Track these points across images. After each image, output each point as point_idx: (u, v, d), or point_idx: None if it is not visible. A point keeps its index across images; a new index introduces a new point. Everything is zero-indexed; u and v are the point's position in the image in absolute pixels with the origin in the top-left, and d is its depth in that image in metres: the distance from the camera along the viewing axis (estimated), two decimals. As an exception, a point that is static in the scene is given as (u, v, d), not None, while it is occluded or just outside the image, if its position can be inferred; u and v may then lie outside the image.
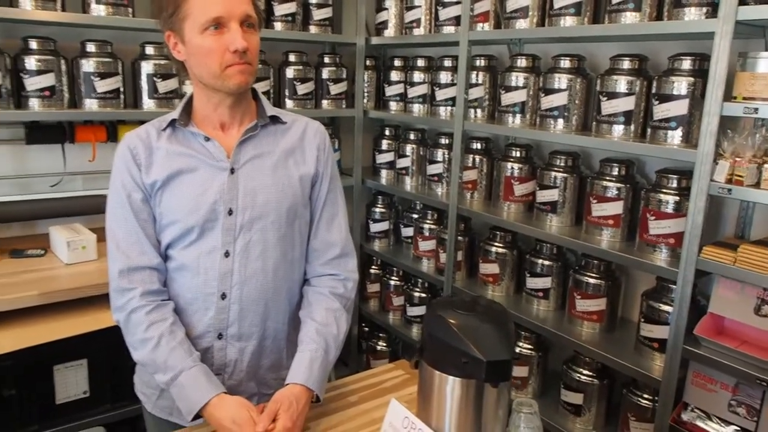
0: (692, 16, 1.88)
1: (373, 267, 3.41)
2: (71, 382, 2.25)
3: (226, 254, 1.41)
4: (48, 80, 2.38)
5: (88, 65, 2.44)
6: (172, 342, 1.36)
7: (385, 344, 3.35)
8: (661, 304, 2.03)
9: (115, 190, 1.41)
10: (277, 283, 1.47)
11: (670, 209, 1.98)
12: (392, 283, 3.25)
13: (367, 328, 3.48)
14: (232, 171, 1.41)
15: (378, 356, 3.35)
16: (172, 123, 1.44)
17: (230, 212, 1.40)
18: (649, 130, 2.03)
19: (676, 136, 1.95)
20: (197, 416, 1.33)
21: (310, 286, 1.55)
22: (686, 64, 1.95)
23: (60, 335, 2.01)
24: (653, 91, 2.01)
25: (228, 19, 1.30)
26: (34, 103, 2.38)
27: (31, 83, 2.36)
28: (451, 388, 1.19)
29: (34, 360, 2.13)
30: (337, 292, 1.52)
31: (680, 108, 1.93)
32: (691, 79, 1.91)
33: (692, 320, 1.87)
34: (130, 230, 1.40)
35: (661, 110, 1.97)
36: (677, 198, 1.97)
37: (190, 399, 1.33)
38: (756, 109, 1.64)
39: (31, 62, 2.35)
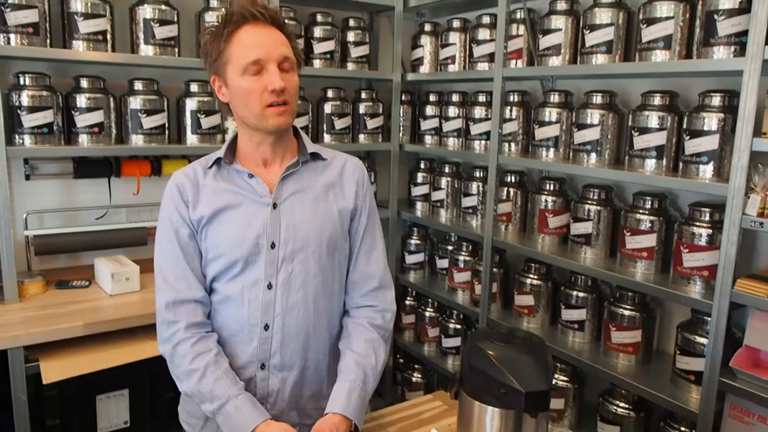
0: (721, 55, 1.92)
1: (409, 298, 3.44)
2: (113, 411, 2.29)
3: (269, 286, 1.46)
4: (97, 117, 2.48)
5: (135, 102, 2.55)
6: (217, 372, 1.41)
7: (420, 376, 3.38)
8: (696, 336, 2.03)
9: (164, 226, 1.49)
10: (318, 314, 1.51)
11: (703, 242, 2.01)
12: (427, 314, 3.27)
13: (402, 360, 3.50)
14: (275, 206, 1.47)
15: (413, 388, 3.37)
16: (218, 161, 1.51)
17: (273, 245, 1.46)
18: (681, 164, 2.07)
19: (707, 171, 1.98)
20: None
21: (349, 317, 1.59)
22: (716, 100, 1.99)
23: (103, 366, 2.05)
24: (684, 126, 2.05)
25: (266, 61, 1.38)
26: (84, 139, 2.48)
27: (82, 120, 2.46)
28: (490, 418, 1.23)
29: (78, 390, 2.18)
30: (375, 323, 1.56)
31: (711, 143, 1.96)
32: (721, 114, 1.95)
33: (728, 352, 1.88)
34: (176, 264, 1.47)
35: (692, 145, 2.01)
36: (710, 231, 2.00)
37: (237, 427, 1.37)
38: (786, 145, 1.67)
39: (81, 100, 2.46)
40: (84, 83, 2.50)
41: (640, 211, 2.22)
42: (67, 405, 2.20)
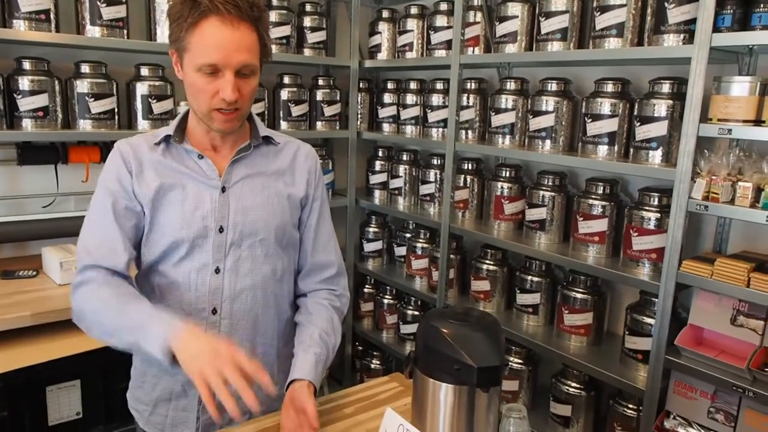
0: (671, 42, 1.98)
1: (367, 286, 3.45)
2: (64, 403, 2.24)
3: (216, 270, 1.43)
4: (41, 101, 2.38)
5: (82, 86, 2.45)
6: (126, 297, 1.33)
7: (378, 362, 3.39)
8: (644, 317, 2.10)
9: (100, 194, 1.41)
10: (266, 299, 1.50)
11: (651, 226, 2.07)
12: (386, 301, 3.29)
13: (360, 347, 3.51)
14: (224, 189, 1.44)
15: (372, 374, 3.38)
16: (167, 138, 1.45)
17: (221, 230, 1.43)
18: (631, 150, 2.12)
19: (656, 156, 2.04)
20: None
21: (308, 298, 1.59)
22: (665, 87, 2.04)
23: (53, 356, 2.00)
24: (635, 113, 2.10)
25: (223, 66, 1.29)
26: (27, 124, 2.37)
27: (24, 104, 2.35)
28: (444, 394, 1.24)
29: (27, 381, 2.12)
30: (334, 304, 1.58)
31: (660, 129, 2.02)
32: (670, 101, 2.01)
33: (673, 332, 1.94)
34: (104, 234, 1.38)
35: (642, 131, 2.06)
36: (658, 215, 2.06)
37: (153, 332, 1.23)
38: (730, 130, 1.73)
39: (24, 83, 2.35)
40: (26, 65, 2.39)
41: (593, 196, 2.27)
42: (16, 397, 2.14)
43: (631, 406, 2.19)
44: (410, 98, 3.06)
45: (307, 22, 3.08)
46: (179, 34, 1.32)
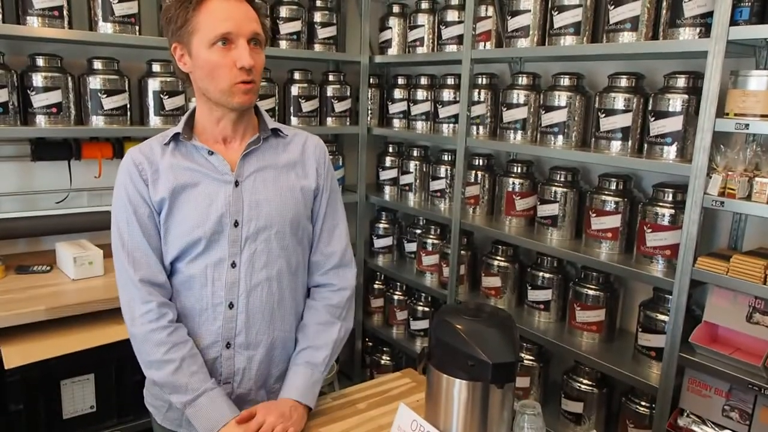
0: (686, 36, 1.95)
1: (377, 282, 3.45)
2: (78, 396, 2.25)
3: (233, 265, 1.44)
4: (55, 97, 2.40)
5: (95, 82, 2.47)
6: (193, 366, 1.40)
7: (389, 358, 3.39)
8: (657, 314, 2.08)
9: (122, 205, 1.43)
10: (282, 292, 1.51)
11: (666, 222, 2.05)
12: (396, 297, 3.29)
13: (370, 343, 3.51)
14: (237, 184, 1.44)
15: (382, 370, 3.38)
16: (175, 137, 1.46)
17: (236, 224, 1.43)
18: (645, 146, 2.10)
19: (671, 151, 2.01)
20: None
21: (309, 298, 1.60)
22: (681, 81, 2.02)
23: (67, 350, 2.02)
24: (649, 107, 2.08)
25: (236, 35, 1.34)
26: (41, 120, 2.39)
27: (38, 100, 2.37)
28: (458, 390, 1.24)
29: (41, 375, 2.14)
30: (331, 303, 1.57)
31: (675, 124, 2.00)
32: (686, 96, 1.98)
33: (688, 329, 1.93)
34: (138, 244, 1.42)
35: (657, 126, 2.04)
36: (673, 211, 2.04)
37: (209, 419, 1.37)
38: (747, 125, 1.71)
39: (38, 79, 2.36)
40: (40, 61, 2.41)
41: (606, 192, 2.25)
42: (31, 390, 2.16)
43: (643, 403, 2.17)
44: (421, 94, 3.05)
45: (318, 17, 3.07)
46: (183, 22, 1.35)
